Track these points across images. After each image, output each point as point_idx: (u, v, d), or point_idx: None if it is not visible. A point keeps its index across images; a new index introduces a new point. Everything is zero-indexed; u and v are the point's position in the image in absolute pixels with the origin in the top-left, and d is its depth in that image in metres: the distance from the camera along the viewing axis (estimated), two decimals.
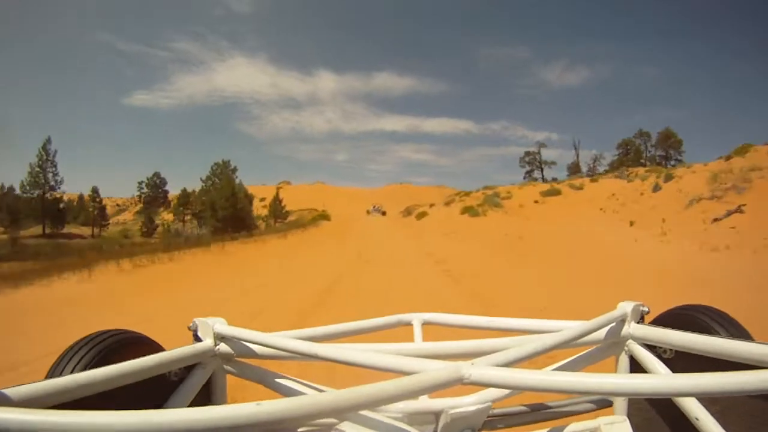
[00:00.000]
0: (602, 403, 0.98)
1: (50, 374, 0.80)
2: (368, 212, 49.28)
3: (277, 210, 35.89)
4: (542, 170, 54.60)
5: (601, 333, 0.93)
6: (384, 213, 48.56)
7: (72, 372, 0.78)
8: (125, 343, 0.89)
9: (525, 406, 0.97)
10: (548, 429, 0.88)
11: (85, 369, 0.79)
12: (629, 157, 48.13)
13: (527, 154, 56.36)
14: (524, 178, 52.31)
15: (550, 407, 0.97)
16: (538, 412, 0.96)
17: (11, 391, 0.58)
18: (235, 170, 37.84)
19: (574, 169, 50.70)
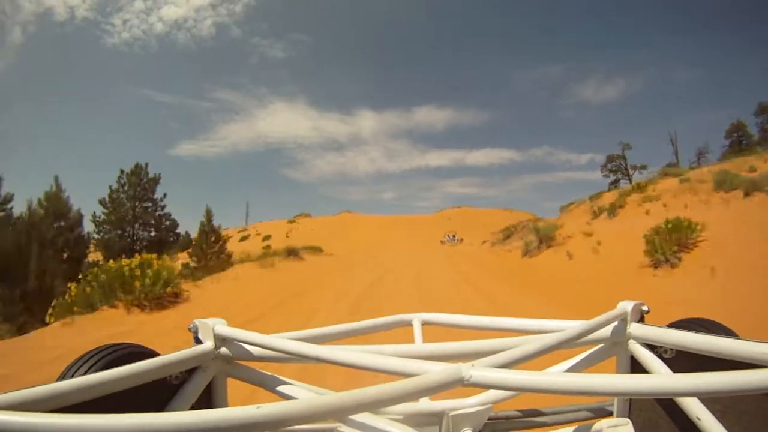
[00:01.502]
0: (602, 412, 0.97)
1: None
2: (442, 242, 39.64)
3: (203, 244, 18.11)
4: (630, 177, 40.73)
5: (602, 333, 0.93)
6: (461, 240, 39.01)
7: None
8: (132, 358, 0.89)
9: (526, 410, 0.97)
10: (552, 430, 0.87)
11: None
12: (743, 146, 33.63)
13: (610, 159, 42.80)
14: (609, 188, 38.50)
15: (550, 413, 0.97)
16: (539, 417, 0.96)
17: (12, 395, 0.58)
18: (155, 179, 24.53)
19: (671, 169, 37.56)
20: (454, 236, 41.31)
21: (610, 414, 0.96)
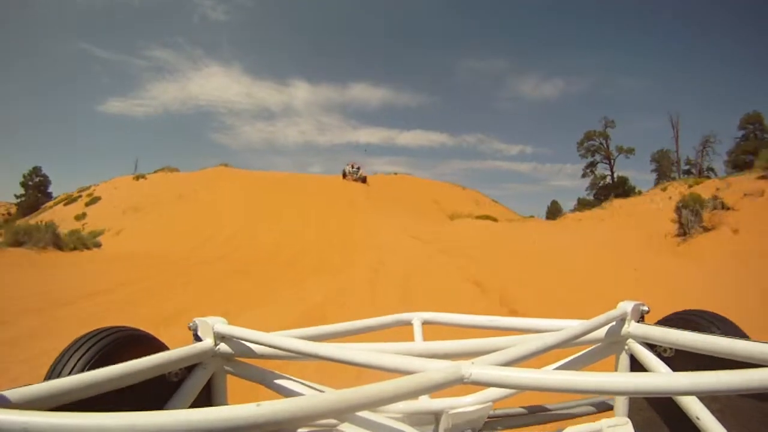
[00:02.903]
0: (602, 406, 0.98)
1: (52, 369, 0.81)
2: (345, 177, 26.17)
3: None
4: (611, 160, 32.19)
5: (602, 332, 0.93)
6: (364, 179, 26.00)
7: (74, 369, 0.79)
8: (127, 341, 0.89)
9: (525, 408, 0.97)
10: (550, 431, 0.88)
11: (86, 366, 0.79)
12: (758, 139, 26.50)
13: (588, 136, 32.88)
14: (583, 173, 32.39)
15: (550, 410, 0.97)
16: (539, 414, 0.96)
17: (11, 393, 0.58)
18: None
19: (666, 164, 29.11)
20: (358, 168, 26.99)
21: (610, 408, 0.96)
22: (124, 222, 17.86)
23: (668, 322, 0.98)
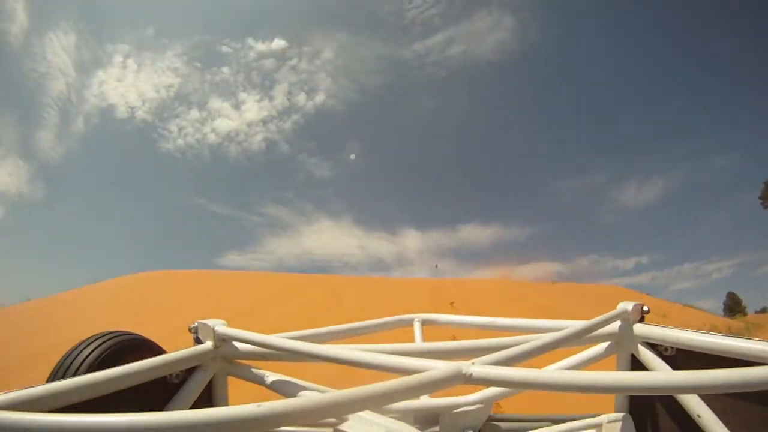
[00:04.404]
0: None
1: (56, 371, 0.81)
2: None
3: None
4: None
5: (602, 332, 0.93)
6: None
7: (77, 371, 0.79)
8: (130, 345, 0.89)
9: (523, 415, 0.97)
10: (551, 428, 0.87)
11: (89, 369, 0.80)
12: None
13: None
14: None
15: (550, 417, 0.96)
16: (539, 415, 0.96)
17: (13, 395, 0.58)
18: None
19: None
20: None
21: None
22: None
23: None
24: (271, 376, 0.92)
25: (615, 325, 0.93)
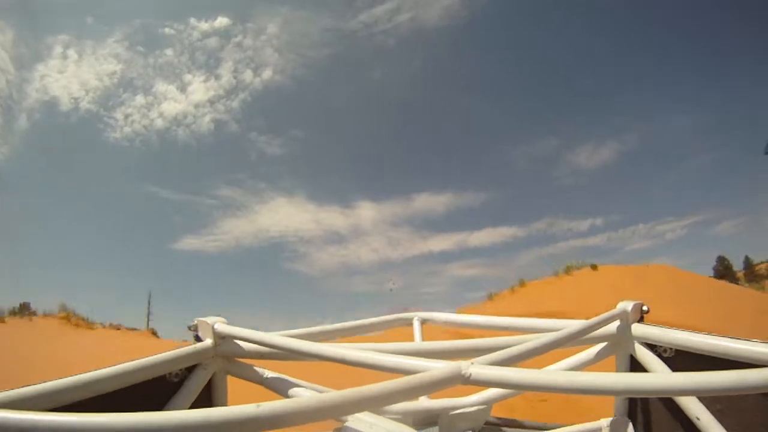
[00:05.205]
0: None
1: None
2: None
3: None
4: None
5: (602, 332, 0.93)
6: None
7: None
8: None
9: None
10: (551, 430, 0.87)
11: None
12: None
13: None
14: None
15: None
16: (538, 429, 0.96)
17: (12, 393, 0.58)
18: None
19: None
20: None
21: None
22: None
23: None
24: (270, 375, 0.92)
25: (614, 325, 0.93)
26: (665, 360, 0.87)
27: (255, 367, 0.95)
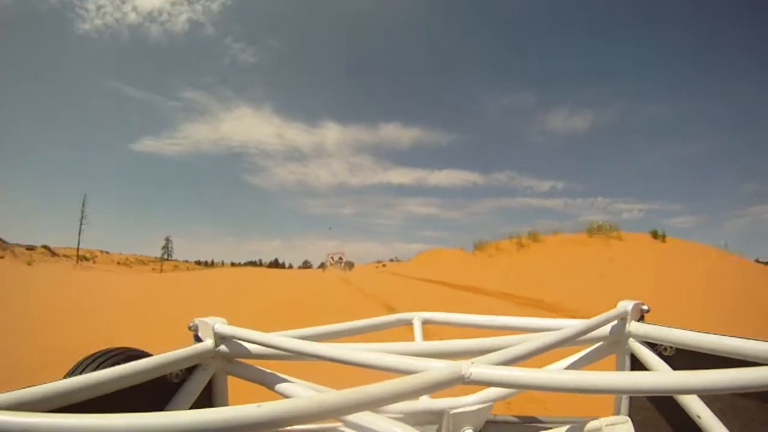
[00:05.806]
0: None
1: None
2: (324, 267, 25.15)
3: None
4: None
5: (602, 331, 0.93)
6: (351, 266, 26.07)
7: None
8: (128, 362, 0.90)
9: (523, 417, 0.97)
10: (550, 430, 0.87)
11: None
12: None
13: None
14: None
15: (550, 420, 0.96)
16: (539, 417, 0.96)
17: (12, 395, 0.58)
18: None
19: None
20: (340, 258, 27.85)
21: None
22: None
23: None
24: (270, 376, 0.92)
25: (615, 325, 0.94)
26: (666, 359, 0.88)
27: (255, 368, 0.95)
